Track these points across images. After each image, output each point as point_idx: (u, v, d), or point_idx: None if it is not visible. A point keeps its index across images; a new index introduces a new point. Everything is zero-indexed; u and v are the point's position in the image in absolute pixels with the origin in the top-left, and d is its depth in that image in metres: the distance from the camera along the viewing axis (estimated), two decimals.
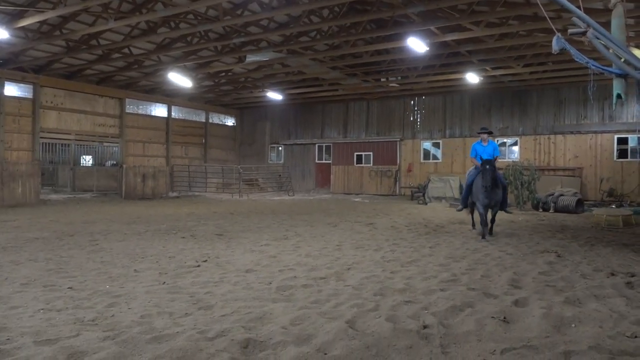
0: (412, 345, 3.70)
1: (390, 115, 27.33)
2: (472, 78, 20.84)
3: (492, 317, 4.36)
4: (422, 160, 26.29)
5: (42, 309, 4.90)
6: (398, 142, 26.72)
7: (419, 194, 21.41)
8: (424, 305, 4.76)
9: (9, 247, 8.68)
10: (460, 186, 20.26)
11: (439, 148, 26.02)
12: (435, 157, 26.09)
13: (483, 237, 9.67)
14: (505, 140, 24.29)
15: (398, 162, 26.62)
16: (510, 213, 11.28)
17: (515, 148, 24.13)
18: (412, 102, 26.83)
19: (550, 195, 17.22)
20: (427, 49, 16.66)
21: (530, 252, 8.22)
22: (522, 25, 15.19)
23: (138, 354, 3.57)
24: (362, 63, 21.11)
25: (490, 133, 10.76)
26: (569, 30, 6.20)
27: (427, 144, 26.36)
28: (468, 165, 24.52)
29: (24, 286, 5.88)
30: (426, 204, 20.00)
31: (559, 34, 6.05)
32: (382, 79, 23.84)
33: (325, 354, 3.51)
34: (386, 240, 9.66)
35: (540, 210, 16.96)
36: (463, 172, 24.01)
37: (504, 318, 4.34)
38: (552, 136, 22.97)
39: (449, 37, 16.15)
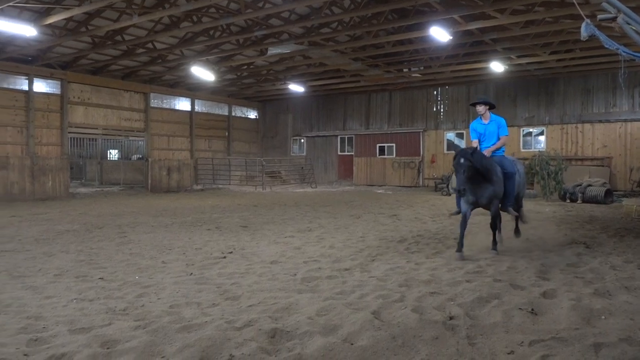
0: (438, 336, 3.70)
1: (413, 106, 27.08)
2: (497, 67, 20.46)
3: (520, 308, 4.32)
4: (445, 151, 25.99)
5: (75, 299, 5.05)
6: (421, 133, 26.48)
7: (442, 185, 21.21)
8: (449, 297, 4.74)
9: (42, 239, 8.94)
10: None
11: (462, 139, 25.69)
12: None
13: (458, 251, 7.05)
14: (531, 129, 23.85)
15: (421, 153, 26.39)
16: (517, 214, 7.79)
17: (542, 138, 23.67)
18: (435, 92, 26.52)
19: (577, 185, 16.88)
20: (450, 38, 16.40)
21: (558, 244, 8.09)
22: (549, 12, 14.82)
23: (168, 343, 3.66)
24: (384, 54, 20.91)
25: (489, 105, 7.71)
26: (599, 16, 6.05)
27: (450, 135, 26.05)
28: None
29: (57, 277, 6.06)
30: (450, 195, 19.80)
31: (588, 20, 5.89)
32: (405, 70, 23.60)
33: (352, 344, 3.53)
34: (410, 232, 9.62)
35: (568, 201, 16.63)
36: None
37: (532, 310, 4.29)
38: (579, 125, 22.44)
39: (473, 26, 15.87)
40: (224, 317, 4.23)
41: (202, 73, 21.45)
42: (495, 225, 7.54)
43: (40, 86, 20.59)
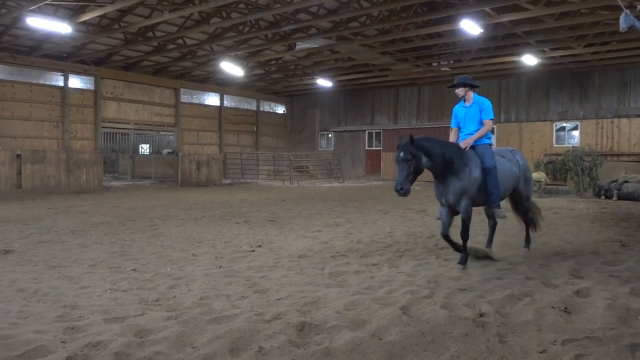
0: (468, 333, 3.66)
1: (442, 100, 26.73)
2: (529, 60, 19.99)
3: (552, 307, 4.23)
4: None
5: (109, 289, 5.19)
6: (450, 128, 26.11)
7: None
8: (479, 294, 4.68)
9: (77, 231, 9.20)
10: None
11: (493, 133, 25.16)
12: None
13: (460, 262, 6.10)
14: (564, 124, 23.27)
15: None
16: (503, 217, 6.42)
17: (576, 133, 23.06)
18: None
19: (613, 181, 16.38)
20: (482, 31, 16.11)
21: (592, 241, 7.88)
22: (585, 3, 14.39)
23: (199, 334, 3.73)
24: (413, 47, 20.70)
25: (470, 85, 6.46)
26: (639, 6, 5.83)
27: None
28: (525, 151, 23.73)
29: (91, 267, 6.24)
30: None
31: (628, 11, 5.70)
32: (434, 64, 23.31)
33: (380, 339, 3.53)
34: (439, 228, 9.50)
35: (602, 197, 16.17)
36: None
37: (565, 308, 4.20)
38: (615, 120, 21.76)
39: (505, 18, 15.54)
40: (253, 310, 4.28)
41: (231, 68, 21.64)
42: (465, 232, 6.19)
43: (75, 82, 21.15)
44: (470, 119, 6.47)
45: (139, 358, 3.22)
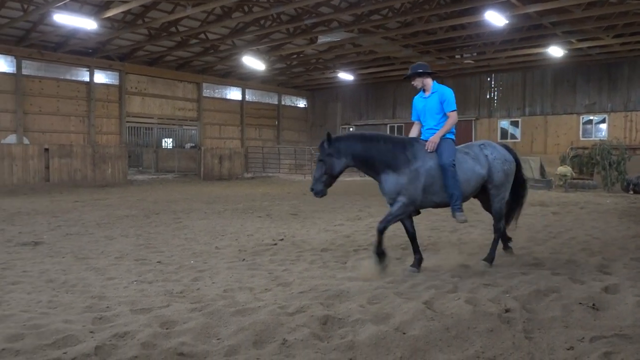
0: (493, 328, 3.61)
1: (464, 93, 26.37)
2: (556, 52, 19.58)
3: (580, 303, 4.15)
4: (499, 140, 25.24)
5: (135, 281, 5.28)
6: (473, 122, 25.80)
7: None
8: (504, 289, 4.62)
9: (103, 224, 9.39)
10: (541, 167, 19.29)
11: (517, 127, 24.86)
12: (513, 137, 24.97)
13: (412, 265, 5.66)
14: (591, 117, 22.76)
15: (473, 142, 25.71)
16: (463, 222, 5.85)
17: (603, 126, 22.54)
18: (488, 79, 25.74)
19: None
20: (506, 22, 15.83)
21: (621, 237, 7.70)
22: None
23: (224, 326, 3.76)
24: (436, 40, 20.47)
25: (426, 74, 5.79)
26: None
27: (504, 123, 25.26)
28: (550, 144, 23.34)
29: (118, 259, 6.36)
30: None
31: None
32: (457, 56, 23.01)
33: (404, 333, 3.51)
34: (462, 222, 9.40)
35: (631, 192, 15.76)
36: (544, 151, 22.88)
37: (593, 305, 4.11)
38: None
39: (531, 9, 15.23)
40: (277, 303, 4.30)
41: (253, 62, 21.72)
42: (407, 232, 5.77)
43: (100, 77, 21.51)
44: (430, 111, 5.78)
45: (165, 349, 3.27)
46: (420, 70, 5.77)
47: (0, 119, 18.51)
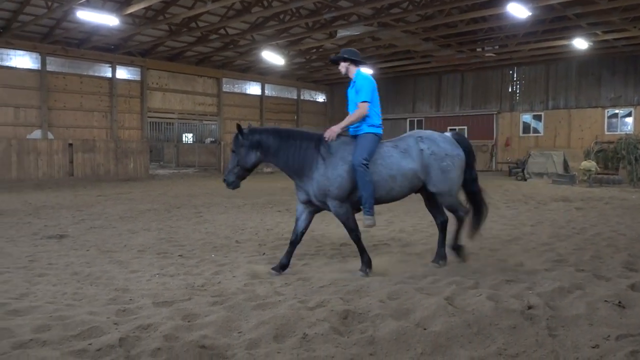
0: (516, 325, 3.56)
1: (486, 87, 26.04)
2: (580, 44, 19.15)
3: (605, 300, 4.06)
4: (521, 134, 24.87)
5: (157, 274, 5.36)
6: (495, 115, 25.45)
7: (517, 169, 20.31)
8: (527, 285, 4.55)
9: (126, 217, 9.53)
10: (565, 161, 18.95)
11: (540, 121, 24.43)
12: (536, 131, 24.56)
13: (274, 269, 5.36)
14: (617, 111, 22.23)
15: (495, 136, 25.40)
16: (370, 226, 5.40)
17: (629, 120, 22.01)
18: (510, 72, 25.33)
19: None
20: (530, 14, 15.53)
21: None
22: None
23: (244, 319, 3.79)
24: (457, 33, 20.20)
25: (349, 60, 5.51)
26: None
27: (527, 117, 24.85)
28: (574, 138, 22.90)
29: (140, 253, 6.45)
30: (525, 180, 18.97)
31: None
32: (478, 49, 22.68)
33: (425, 329, 3.49)
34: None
35: None
36: (568, 146, 22.47)
37: (619, 302, 4.03)
38: None
39: (555, 0, 14.91)
40: (297, 297, 4.31)
41: (272, 57, 21.75)
42: (350, 234, 5.43)
43: (122, 73, 21.78)
44: (351, 102, 5.49)
45: (187, 341, 3.30)
46: (345, 56, 5.49)
47: (26, 115, 18.90)
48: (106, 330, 3.54)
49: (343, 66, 5.55)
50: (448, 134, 5.69)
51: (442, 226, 5.73)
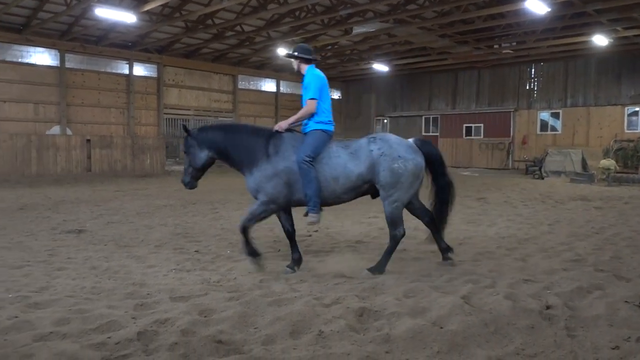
0: (534, 325, 3.53)
1: (503, 84, 25.75)
2: (600, 40, 18.82)
3: (626, 301, 4.00)
4: (538, 132, 24.56)
5: (174, 269, 5.41)
6: (512, 113, 25.16)
7: (534, 168, 20.08)
8: (545, 285, 4.50)
9: (143, 213, 9.63)
10: (583, 160, 18.68)
11: (558, 118, 24.09)
12: (553, 129, 24.23)
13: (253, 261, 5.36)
14: (637, 108, 21.82)
15: (511, 134, 25.12)
16: (313, 223, 5.32)
17: None
18: (528, 69, 25.01)
19: None
20: (548, 10, 15.31)
21: None
22: None
23: (260, 315, 3.81)
24: (474, 29, 19.97)
25: (302, 58, 5.43)
26: None
27: (544, 114, 24.53)
28: (592, 137, 22.57)
29: (157, 248, 6.52)
30: (543, 178, 18.74)
31: None
32: (495, 46, 22.42)
33: (441, 327, 3.47)
34: (500, 216, 9.24)
35: None
36: (586, 144, 22.14)
37: None
38: None
39: None
40: (312, 294, 4.32)
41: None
42: (285, 231, 5.52)
43: (139, 70, 21.99)
44: (304, 99, 5.41)
45: (203, 336, 3.33)
46: (296, 54, 5.43)
47: (45, 111, 19.19)
48: (124, 324, 3.58)
49: (295, 63, 5.51)
50: (411, 140, 5.44)
51: (432, 224, 5.56)
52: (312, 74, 5.36)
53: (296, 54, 5.43)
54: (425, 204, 5.59)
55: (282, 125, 5.34)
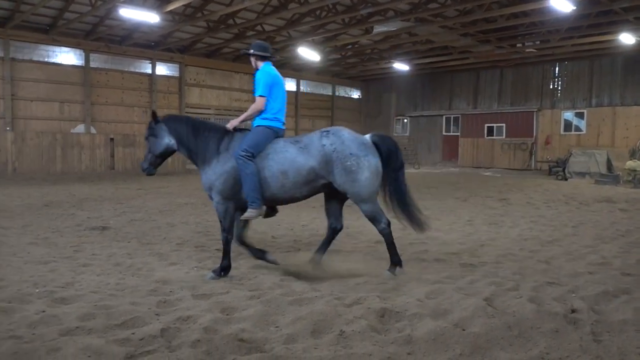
0: (558, 329, 3.47)
1: (526, 83, 25.37)
2: (627, 39, 18.40)
3: None
4: (562, 132, 24.14)
5: (196, 267, 5.46)
6: (535, 113, 24.78)
7: (557, 168, 19.73)
8: (570, 289, 4.42)
9: (165, 211, 9.75)
10: (608, 161, 18.31)
11: (582, 118, 23.64)
12: (578, 129, 23.79)
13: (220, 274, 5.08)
14: None
15: (534, 134, 24.74)
16: (249, 218, 5.14)
17: None
18: (552, 68, 24.60)
19: None
20: (574, 8, 15.03)
21: None
22: None
23: (281, 314, 3.82)
24: (496, 28, 19.74)
25: (258, 56, 5.43)
26: None
27: (568, 114, 24.09)
28: (618, 137, 22.11)
29: (179, 245, 6.59)
30: (566, 179, 18.41)
31: None
32: (518, 45, 22.11)
33: (464, 330, 3.43)
34: (522, 217, 9.11)
35: None
36: (611, 144, 21.70)
37: None
38: None
39: None
40: (333, 294, 4.31)
41: (308, 53, 21.78)
42: (222, 232, 5.28)
43: (162, 69, 22.26)
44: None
45: (225, 334, 3.36)
46: (251, 51, 5.41)
47: (70, 110, 19.57)
48: (148, 320, 3.63)
49: (252, 60, 5.50)
50: (367, 135, 5.23)
51: (332, 232, 5.43)
52: (263, 70, 5.33)
53: (252, 51, 5.41)
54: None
55: (234, 123, 5.36)
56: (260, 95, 5.23)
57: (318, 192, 5.26)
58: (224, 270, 5.07)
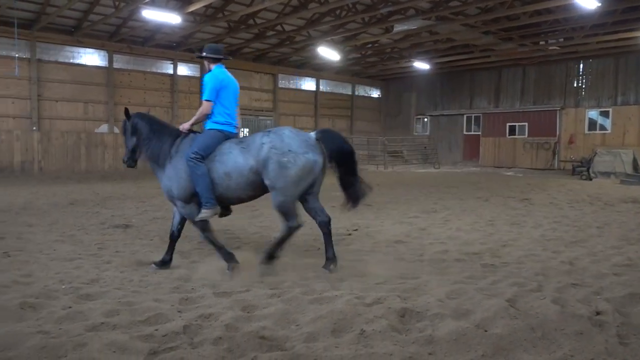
0: (583, 331, 3.41)
1: (549, 81, 24.96)
2: None
3: None
4: (586, 131, 23.68)
5: (216, 265, 5.50)
6: (558, 112, 24.36)
7: (581, 168, 19.35)
8: (595, 290, 4.34)
9: None
10: (634, 160, 17.90)
11: (607, 117, 23.16)
12: (602, 128, 23.32)
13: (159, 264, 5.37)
14: None
15: (557, 133, 24.32)
16: (201, 218, 5.17)
17: None
18: (576, 66, 24.15)
19: None
20: (599, 4, 14.73)
21: None
22: None
23: (301, 312, 3.83)
24: (519, 26, 19.47)
25: (209, 58, 5.42)
26: None
27: (593, 113, 23.63)
28: None
29: (199, 244, 6.66)
30: (591, 179, 18.06)
31: None
32: (541, 42, 21.76)
33: (486, 331, 3.40)
34: (545, 218, 8.97)
35: None
36: (638, 144, 21.22)
37: None
38: None
39: None
40: (353, 293, 4.31)
41: (328, 53, 21.79)
42: (171, 230, 5.48)
43: (183, 70, 22.51)
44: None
45: (246, 332, 3.38)
46: (203, 54, 5.40)
47: (94, 110, 19.93)
48: (171, 317, 3.68)
49: (206, 63, 5.52)
50: (312, 133, 5.26)
51: (325, 226, 5.41)
52: (212, 74, 5.35)
53: (204, 54, 5.43)
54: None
55: (185, 126, 5.44)
56: (207, 100, 5.27)
57: (265, 191, 5.23)
58: (230, 259, 5.17)
